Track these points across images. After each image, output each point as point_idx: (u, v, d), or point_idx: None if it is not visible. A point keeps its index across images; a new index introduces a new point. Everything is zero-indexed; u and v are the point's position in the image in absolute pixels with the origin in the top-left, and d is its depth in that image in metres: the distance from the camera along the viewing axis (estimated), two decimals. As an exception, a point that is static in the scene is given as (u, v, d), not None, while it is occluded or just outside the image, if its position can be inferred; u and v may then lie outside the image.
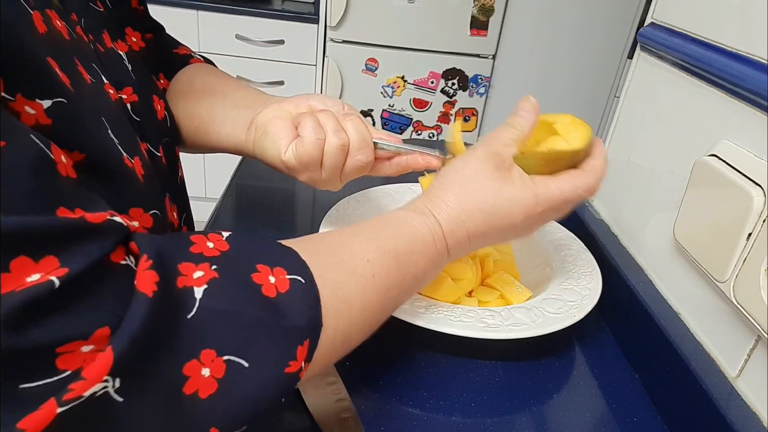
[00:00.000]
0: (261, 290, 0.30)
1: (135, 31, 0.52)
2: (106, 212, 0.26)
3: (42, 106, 0.27)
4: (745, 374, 0.42)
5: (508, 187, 0.42)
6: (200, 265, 0.28)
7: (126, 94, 0.42)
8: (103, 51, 0.41)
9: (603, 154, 0.45)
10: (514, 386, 0.48)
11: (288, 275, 0.31)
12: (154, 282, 0.25)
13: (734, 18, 0.46)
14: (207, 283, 0.28)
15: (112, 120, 0.35)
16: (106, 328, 0.23)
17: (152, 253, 0.26)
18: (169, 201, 0.44)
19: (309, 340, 0.31)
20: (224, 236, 0.32)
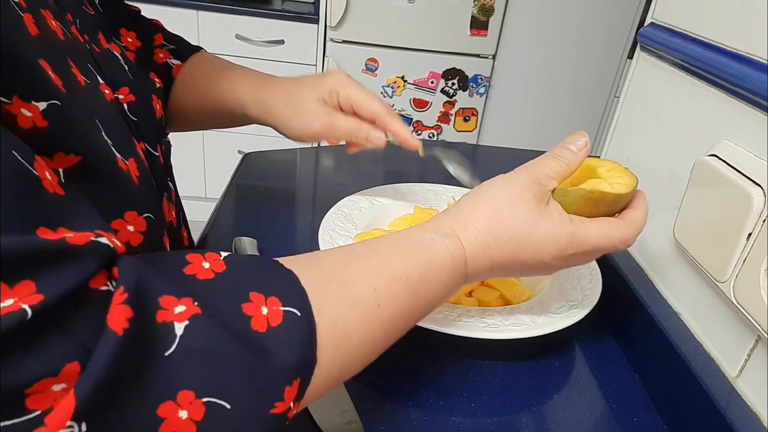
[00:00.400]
0: (250, 324, 0.28)
1: (129, 32, 0.52)
2: (92, 232, 0.25)
3: (38, 108, 0.27)
4: (745, 374, 0.42)
5: (545, 221, 0.40)
6: (183, 300, 0.26)
7: (122, 94, 0.41)
8: (98, 51, 0.41)
9: (645, 207, 0.43)
10: (514, 386, 0.48)
11: (282, 306, 0.29)
12: (126, 318, 0.23)
13: (734, 18, 0.46)
14: (189, 319, 0.26)
15: (107, 121, 0.34)
16: (76, 364, 0.22)
17: (129, 284, 0.24)
18: (166, 200, 0.44)
19: (299, 380, 0.29)
20: (222, 256, 0.31)
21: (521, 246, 0.39)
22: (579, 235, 0.40)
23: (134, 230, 0.34)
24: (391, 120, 0.54)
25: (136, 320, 0.24)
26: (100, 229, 0.26)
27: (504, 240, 0.39)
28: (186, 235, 0.50)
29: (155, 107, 0.46)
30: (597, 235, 0.41)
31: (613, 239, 0.41)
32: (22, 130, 0.27)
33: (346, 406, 0.43)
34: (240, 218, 0.70)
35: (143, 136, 0.42)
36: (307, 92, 0.55)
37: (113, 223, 0.32)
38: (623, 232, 0.41)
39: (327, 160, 0.91)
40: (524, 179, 0.40)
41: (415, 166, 0.96)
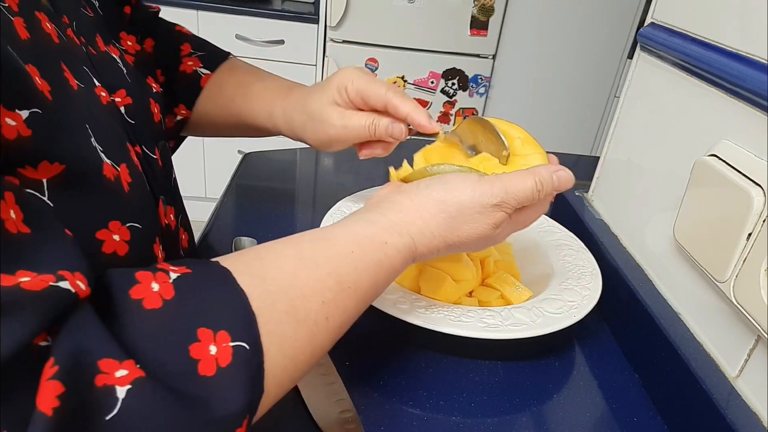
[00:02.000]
0: (197, 369, 0.26)
1: (129, 35, 0.52)
2: (53, 275, 0.23)
3: (21, 117, 0.27)
4: (745, 374, 0.42)
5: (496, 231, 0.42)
6: (124, 363, 0.24)
7: (119, 96, 0.41)
8: (95, 54, 0.41)
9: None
10: (514, 386, 0.48)
11: (231, 342, 0.28)
12: (56, 396, 0.22)
13: (734, 18, 0.46)
14: (131, 383, 0.24)
15: (100, 125, 0.34)
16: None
17: (62, 354, 0.23)
18: (163, 204, 0.43)
19: (248, 416, 0.28)
20: (171, 278, 0.28)
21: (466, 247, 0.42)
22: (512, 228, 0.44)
23: (120, 240, 0.33)
24: (403, 103, 0.50)
25: (68, 394, 0.22)
26: (66, 268, 0.24)
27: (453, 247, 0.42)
28: (185, 237, 0.50)
29: (153, 110, 0.46)
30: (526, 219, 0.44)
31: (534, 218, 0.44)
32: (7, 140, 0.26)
33: (346, 406, 0.43)
34: (240, 218, 0.70)
35: (140, 139, 0.42)
36: (317, 98, 0.53)
37: (98, 233, 0.32)
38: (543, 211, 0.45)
39: (327, 160, 0.91)
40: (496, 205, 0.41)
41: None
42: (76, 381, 0.23)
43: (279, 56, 1.97)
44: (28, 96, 0.28)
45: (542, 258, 0.60)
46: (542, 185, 0.41)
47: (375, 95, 0.51)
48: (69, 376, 0.22)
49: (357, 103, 0.52)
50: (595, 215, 0.66)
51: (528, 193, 0.41)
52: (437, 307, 0.49)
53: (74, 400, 0.22)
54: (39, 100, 0.28)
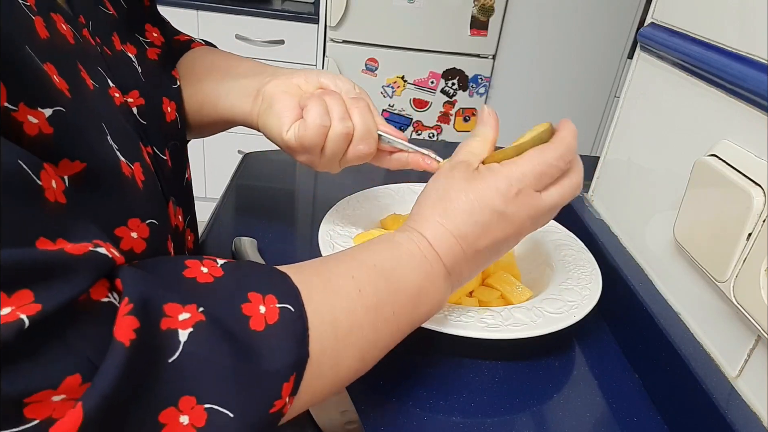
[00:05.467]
0: (249, 324, 0.29)
1: (154, 27, 0.51)
2: (90, 242, 0.25)
3: (44, 115, 0.27)
4: (745, 374, 0.42)
5: (477, 180, 0.41)
6: (187, 306, 0.27)
7: (132, 97, 0.41)
8: (110, 54, 0.41)
9: (569, 127, 0.43)
10: (514, 386, 0.48)
11: (278, 303, 0.31)
12: (133, 329, 0.24)
13: (734, 18, 0.46)
14: (193, 326, 0.26)
15: (114, 125, 0.34)
16: (77, 376, 0.22)
17: (135, 294, 0.25)
18: (172, 204, 0.43)
19: (295, 375, 0.30)
20: (219, 263, 0.32)
21: (468, 211, 0.40)
22: (512, 172, 0.40)
23: (138, 237, 0.33)
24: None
25: (142, 330, 0.24)
26: (99, 239, 0.26)
27: (451, 211, 0.40)
28: (191, 238, 0.50)
29: (165, 110, 0.46)
30: (529, 162, 0.41)
31: (546, 159, 0.41)
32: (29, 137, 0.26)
33: (346, 406, 0.43)
34: (240, 218, 0.70)
35: (151, 140, 0.42)
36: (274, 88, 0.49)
37: (117, 230, 0.32)
38: (553, 149, 0.41)
39: (327, 160, 0.90)
40: (449, 166, 0.43)
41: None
42: (148, 319, 0.25)
43: (279, 56, 1.97)
44: (51, 94, 0.28)
45: (542, 258, 0.60)
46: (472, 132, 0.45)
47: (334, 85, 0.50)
48: (142, 313, 0.24)
49: None
50: (595, 215, 0.66)
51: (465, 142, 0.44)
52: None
53: (146, 338, 0.24)
54: (60, 98, 0.29)
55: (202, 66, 0.54)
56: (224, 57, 0.56)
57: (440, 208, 0.41)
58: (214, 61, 0.55)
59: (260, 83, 0.50)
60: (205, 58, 0.56)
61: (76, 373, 0.22)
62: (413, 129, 2.12)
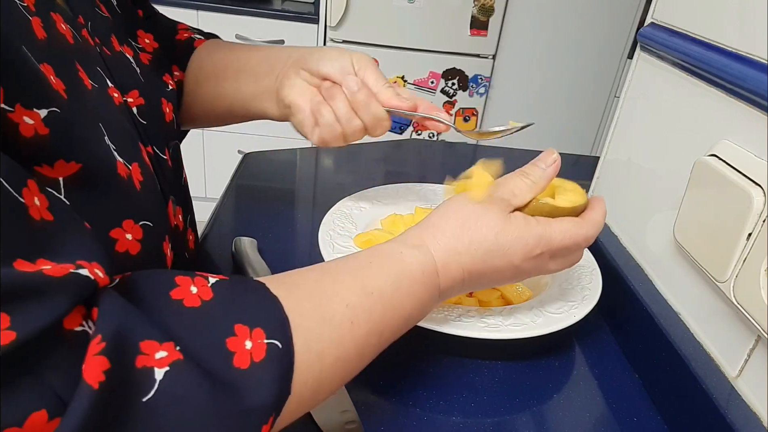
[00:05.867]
0: (233, 361, 0.28)
1: (147, 33, 0.52)
2: (73, 263, 0.24)
3: (40, 116, 0.27)
4: (745, 374, 0.42)
5: (510, 225, 0.41)
6: (164, 344, 0.25)
7: (132, 97, 0.41)
8: (109, 54, 0.41)
9: (603, 209, 0.45)
10: (514, 386, 0.48)
11: (266, 339, 0.29)
12: (103, 370, 0.22)
13: (734, 18, 0.46)
14: (169, 365, 0.25)
15: (112, 125, 0.34)
16: (43, 413, 0.21)
17: (108, 332, 0.24)
18: (172, 204, 0.43)
19: (274, 414, 0.29)
20: (210, 282, 0.30)
21: (491, 251, 0.40)
22: (545, 234, 0.41)
23: (132, 239, 0.33)
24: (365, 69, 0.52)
25: (113, 371, 0.23)
26: (84, 258, 0.25)
27: (473, 247, 0.40)
28: (192, 238, 0.50)
29: (165, 110, 0.46)
30: (562, 234, 0.42)
31: (577, 237, 0.43)
32: (25, 138, 0.26)
33: (346, 406, 0.43)
34: (240, 218, 0.70)
35: (151, 139, 0.42)
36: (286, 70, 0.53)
37: (112, 232, 0.32)
38: (585, 231, 0.43)
39: (327, 160, 0.91)
40: (488, 195, 0.42)
41: (415, 166, 0.96)
42: (121, 358, 0.24)
43: (279, 56, 1.96)
44: (45, 95, 0.28)
45: (542, 258, 0.59)
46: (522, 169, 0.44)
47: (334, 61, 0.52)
48: (115, 353, 0.23)
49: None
50: (595, 215, 0.66)
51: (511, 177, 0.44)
52: (437, 307, 0.49)
53: (118, 378, 0.23)
54: (55, 99, 0.29)
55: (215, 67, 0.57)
56: (232, 51, 0.58)
57: (465, 237, 0.40)
58: (223, 60, 0.57)
59: (274, 84, 0.54)
60: (213, 57, 0.57)
61: (43, 409, 0.21)
62: (413, 129, 2.13)
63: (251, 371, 0.28)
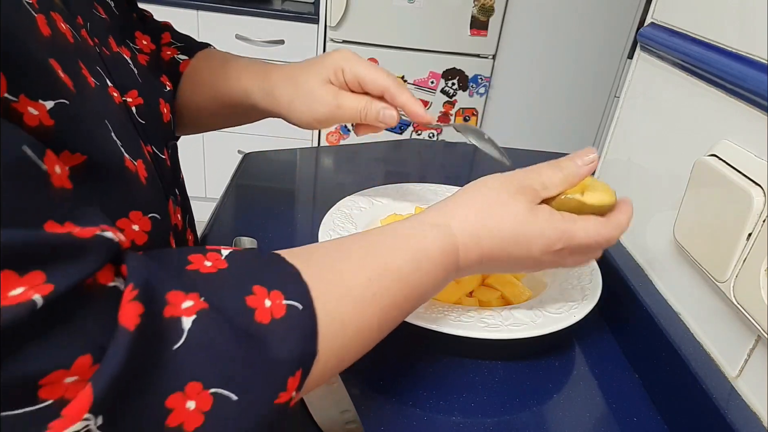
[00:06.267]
0: (254, 316, 0.29)
1: (144, 35, 0.52)
2: (97, 227, 0.25)
3: (45, 107, 0.27)
4: (745, 374, 0.42)
5: (535, 217, 0.41)
6: (190, 295, 0.27)
7: (131, 97, 0.41)
8: (108, 54, 0.41)
9: (629, 212, 0.44)
10: (514, 386, 0.48)
11: (285, 300, 0.30)
12: (138, 314, 0.24)
13: (734, 18, 0.46)
14: (196, 314, 0.26)
15: (115, 123, 0.34)
16: (88, 356, 0.23)
17: (139, 281, 0.25)
18: (172, 203, 0.44)
19: (301, 370, 0.30)
20: (223, 255, 0.31)
21: (512, 240, 0.40)
22: (567, 230, 0.41)
23: (139, 230, 0.34)
24: (400, 93, 0.51)
25: (146, 316, 0.24)
26: (105, 224, 0.26)
27: (494, 232, 0.40)
28: (191, 238, 0.50)
29: (163, 111, 0.46)
30: (585, 232, 0.42)
31: (599, 237, 0.42)
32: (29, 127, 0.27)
33: (346, 406, 0.43)
34: (240, 218, 0.70)
35: (150, 139, 0.42)
36: (311, 75, 0.52)
37: (118, 222, 0.32)
38: (608, 231, 0.42)
39: (327, 160, 0.91)
40: (519, 182, 0.42)
41: (415, 166, 0.96)
42: (152, 306, 0.25)
43: (279, 56, 1.97)
44: (53, 87, 0.28)
45: (542, 258, 0.59)
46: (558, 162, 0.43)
47: (373, 82, 0.51)
48: (146, 300, 0.25)
49: (353, 86, 0.52)
50: (595, 215, 0.66)
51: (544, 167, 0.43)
52: (437, 307, 0.49)
53: (150, 324, 0.24)
54: (64, 91, 0.29)
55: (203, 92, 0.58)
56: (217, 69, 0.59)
57: (488, 222, 0.40)
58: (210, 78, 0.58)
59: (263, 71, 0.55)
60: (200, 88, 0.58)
61: (87, 354, 0.22)
62: (413, 129, 2.13)
63: (273, 326, 0.29)
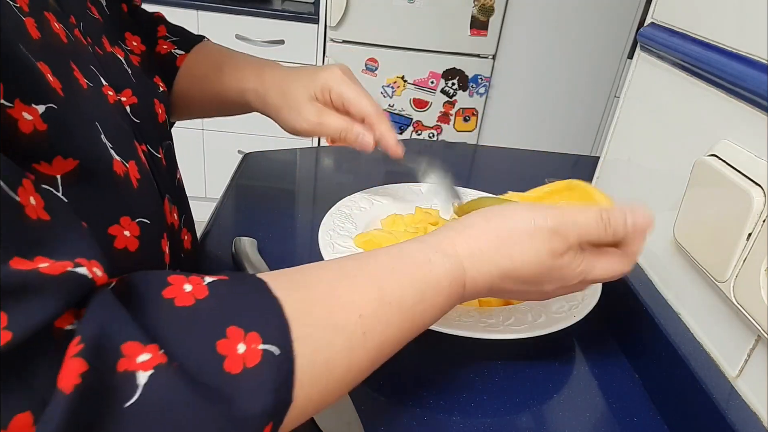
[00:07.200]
0: (223, 365, 0.26)
1: (134, 35, 0.52)
2: (72, 261, 0.24)
3: (38, 111, 0.27)
4: (745, 374, 0.42)
5: (556, 268, 0.38)
6: (149, 346, 0.24)
7: (125, 96, 0.41)
8: (101, 54, 0.41)
9: (642, 240, 0.41)
10: (514, 386, 0.48)
11: (262, 344, 0.27)
12: (79, 374, 0.21)
13: (734, 18, 0.46)
14: (153, 368, 0.24)
15: (108, 123, 0.34)
16: (28, 415, 0.20)
17: (88, 332, 0.23)
18: (168, 203, 0.43)
19: (272, 424, 0.27)
20: (206, 281, 0.28)
21: (528, 281, 0.38)
22: (586, 272, 0.39)
23: (130, 235, 0.33)
24: (379, 122, 0.54)
25: (90, 374, 0.22)
26: (83, 256, 0.24)
27: (509, 274, 0.37)
28: (187, 238, 0.50)
29: (157, 111, 0.46)
30: (603, 271, 0.40)
31: (615, 273, 0.40)
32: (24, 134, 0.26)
33: (346, 407, 0.43)
34: (240, 218, 0.70)
35: (145, 138, 0.42)
36: (300, 88, 0.55)
37: (111, 229, 0.32)
38: (624, 266, 0.41)
39: (327, 160, 0.91)
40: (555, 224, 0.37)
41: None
42: (99, 361, 0.23)
43: (279, 56, 1.97)
44: (43, 91, 0.28)
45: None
46: (608, 219, 0.38)
47: (356, 107, 0.54)
48: (93, 355, 0.22)
49: (337, 105, 0.55)
50: (595, 215, 0.66)
51: (590, 223, 0.38)
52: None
53: (96, 382, 0.22)
54: (53, 96, 0.29)
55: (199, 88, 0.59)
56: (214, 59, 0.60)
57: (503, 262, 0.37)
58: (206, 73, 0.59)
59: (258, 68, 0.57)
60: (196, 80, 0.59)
61: (28, 411, 0.21)
62: (413, 129, 2.13)
63: (243, 377, 0.26)
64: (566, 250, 0.38)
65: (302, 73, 0.56)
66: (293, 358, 0.28)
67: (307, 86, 0.54)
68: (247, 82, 0.56)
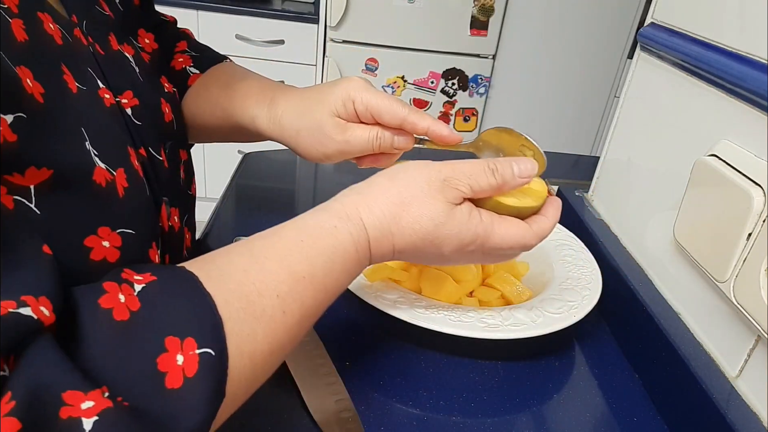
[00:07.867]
0: (164, 383, 0.26)
1: (148, 33, 0.51)
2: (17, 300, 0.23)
3: (6, 121, 0.26)
4: (745, 374, 0.42)
5: (453, 221, 0.39)
6: (90, 394, 0.23)
7: (126, 98, 0.41)
8: (103, 54, 0.40)
9: (555, 219, 0.43)
10: (514, 386, 0.48)
11: (198, 349, 0.27)
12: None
13: (734, 18, 0.46)
14: (98, 415, 0.23)
15: (97, 129, 0.33)
16: None
17: (21, 388, 0.22)
18: (167, 206, 0.43)
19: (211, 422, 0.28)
20: (136, 290, 0.28)
21: (424, 240, 0.39)
22: (483, 234, 0.40)
23: (110, 246, 0.32)
24: (421, 119, 0.48)
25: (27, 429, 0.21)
26: (30, 293, 0.24)
27: (408, 231, 0.39)
28: (189, 236, 0.49)
29: (164, 110, 0.45)
30: (500, 238, 0.40)
31: (515, 244, 0.41)
32: None
33: (345, 405, 0.43)
34: (240, 218, 0.70)
35: (145, 140, 0.41)
36: (317, 104, 0.49)
37: (86, 240, 0.31)
38: (527, 239, 0.41)
39: (327, 160, 0.90)
40: (445, 179, 0.39)
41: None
42: (36, 416, 0.22)
43: (279, 56, 1.97)
44: (14, 100, 0.27)
45: (542, 258, 0.60)
46: (496, 166, 0.40)
47: (389, 113, 0.47)
48: (27, 412, 0.22)
49: (364, 117, 0.48)
50: (595, 215, 0.66)
51: (479, 170, 0.39)
52: (437, 307, 0.49)
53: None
54: (27, 103, 0.28)
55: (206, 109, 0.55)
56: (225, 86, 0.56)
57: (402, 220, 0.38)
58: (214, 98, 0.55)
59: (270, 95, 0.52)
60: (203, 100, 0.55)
61: None
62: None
63: (185, 390, 0.26)
64: (460, 201, 0.39)
65: (319, 89, 0.50)
66: (227, 354, 0.29)
67: (326, 101, 0.48)
68: (257, 108, 0.51)
